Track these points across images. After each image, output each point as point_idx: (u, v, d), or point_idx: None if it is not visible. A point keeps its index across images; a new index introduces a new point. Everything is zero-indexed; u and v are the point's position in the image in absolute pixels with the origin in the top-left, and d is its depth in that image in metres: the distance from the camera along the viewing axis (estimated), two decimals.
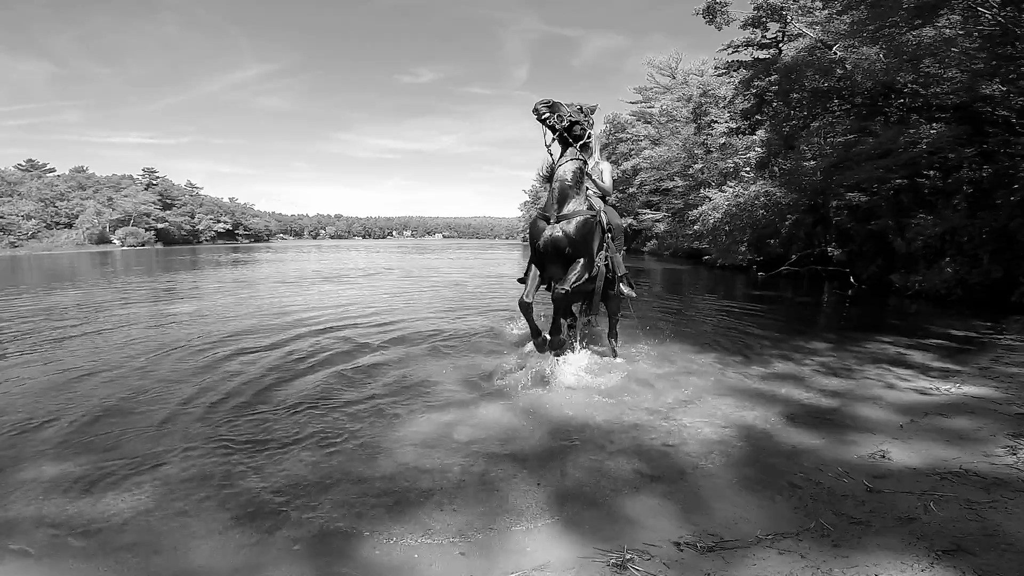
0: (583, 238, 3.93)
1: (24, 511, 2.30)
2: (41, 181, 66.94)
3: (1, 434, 3.16)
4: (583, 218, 3.94)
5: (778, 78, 15.71)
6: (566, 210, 3.95)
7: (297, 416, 3.37)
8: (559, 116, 3.84)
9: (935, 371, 4.71)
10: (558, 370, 4.10)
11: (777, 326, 7.12)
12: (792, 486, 2.40)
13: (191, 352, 5.10)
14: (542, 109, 3.80)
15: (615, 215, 4.74)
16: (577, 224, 3.91)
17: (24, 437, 3.11)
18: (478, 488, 2.42)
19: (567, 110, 3.88)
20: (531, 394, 3.66)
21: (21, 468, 2.69)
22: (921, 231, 11.37)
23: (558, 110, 3.84)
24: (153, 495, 2.40)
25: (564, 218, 3.93)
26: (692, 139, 30.92)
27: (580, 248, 3.94)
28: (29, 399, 3.79)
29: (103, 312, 7.74)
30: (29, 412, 3.51)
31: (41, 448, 2.95)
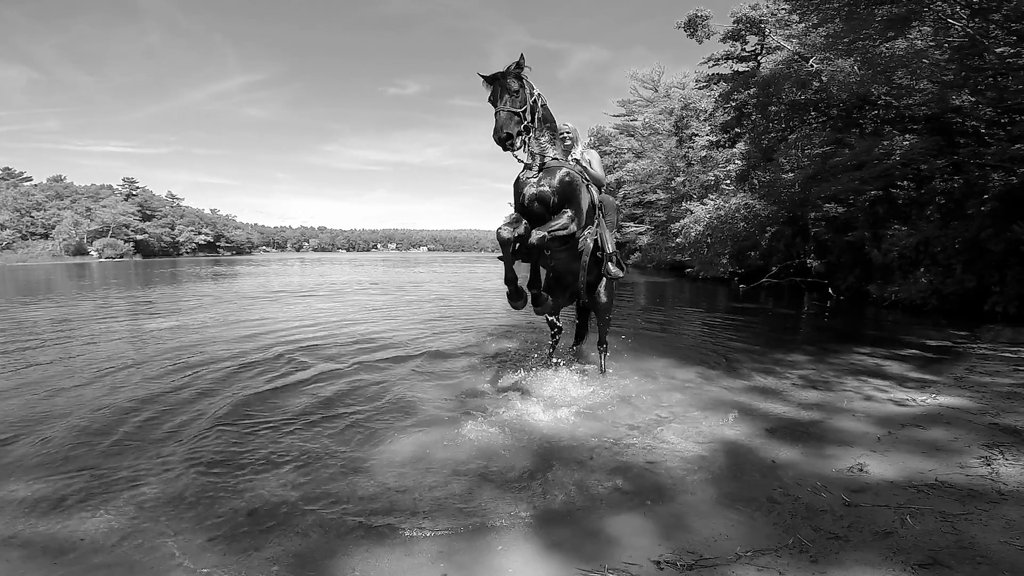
0: (570, 188, 3.83)
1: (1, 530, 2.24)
2: (17, 190, 65.29)
3: None
4: (567, 170, 3.87)
5: (757, 91, 16.10)
6: (550, 161, 3.88)
7: (276, 435, 3.31)
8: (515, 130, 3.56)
9: (912, 382, 4.79)
10: (541, 387, 4.08)
11: (758, 339, 7.20)
12: (771, 501, 2.40)
13: (168, 369, 4.98)
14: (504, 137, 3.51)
15: (609, 198, 4.63)
16: (562, 176, 3.82)
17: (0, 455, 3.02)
18: (459, 507, 2.39)
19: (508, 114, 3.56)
20: (513, 412, 3.63)
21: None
22: (896, 242, 11.65)
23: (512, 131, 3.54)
24: (129, 515, 2.35)
25: (549, 172, 3.83)
26: (674, 152, 31.44)
27: (566, 200, 3.84)
28: (3, 417, 3.68)
29: (78, 328, 7.53)
30: (2, 430, 3.41)
31: (12, 466, 2.88)
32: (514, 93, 3.61)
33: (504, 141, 3.52)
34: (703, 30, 19.82)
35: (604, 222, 4.42)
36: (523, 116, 3.63)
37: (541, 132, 3.88)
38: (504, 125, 3.52)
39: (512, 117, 3.56)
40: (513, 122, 3.55)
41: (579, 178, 3.96)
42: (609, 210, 4.57)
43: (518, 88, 3.63)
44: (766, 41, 19.02)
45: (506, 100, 3.57)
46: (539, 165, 3.88)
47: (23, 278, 24.44)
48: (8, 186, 65.71)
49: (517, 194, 3.92)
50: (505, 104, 3.57)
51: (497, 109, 3.57)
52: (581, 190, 3.95)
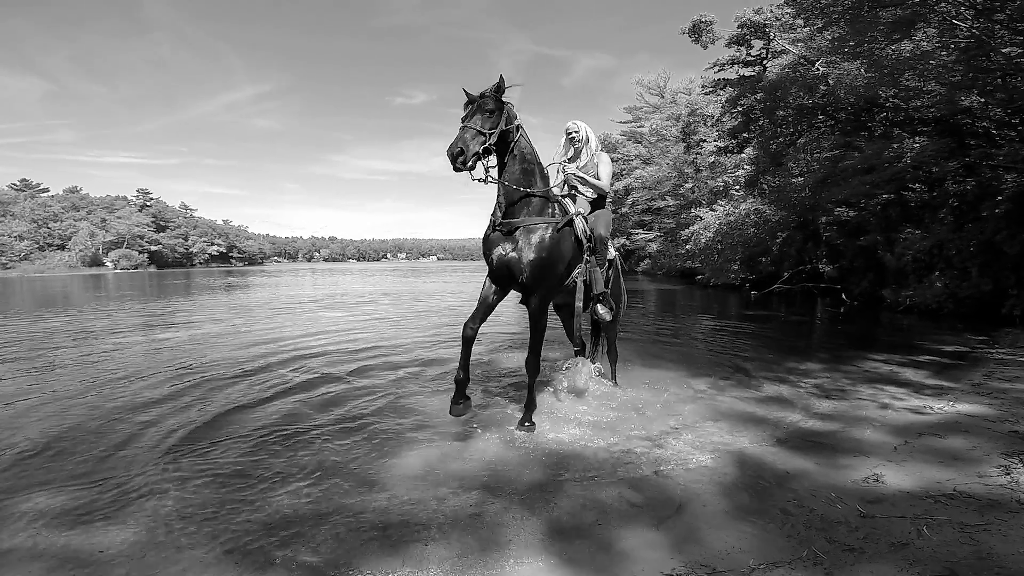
0: (547, 264, 3.44)
1: (19, 542, 2.30)
2: (34, 201, 66.68)
3: None
4: (544, 235, 3.44)
5: (764, 96, 16.06)
6: (519, 218, 3.46)
7: (289, 446, 3.34)
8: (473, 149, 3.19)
9: (929, 389, 4.72)
10: (552, 399, 4.08)
11: (770, 347, 7.14)
12: (785, 513, 2.38)
13: (182, 382, 5.05)
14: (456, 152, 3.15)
15: (604, 221, 4.06)
16: (538, 245, 3.42)
17: (17, 466, 3.11)
18: (470, 521, 2.40)
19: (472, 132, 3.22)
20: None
21: (14, 498, 2.69)
22: (910, 246, 11.51)
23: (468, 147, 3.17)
24: (146, 527, 2.39)
25: (524, 233, 3.43)
26: (682, 158, 31.42)
27: (539, 280, 3.44)
28: (19, 427, 3.78)
29: (95, 340, 7.67)
30: (20, 440, 3.50)
31: (33, 477, 2.95)
32: (487, 113, 3.30)
33: (456, 157, 3.11)
34: (708, 35, 19.87)
35: (594, 259, 3.92)
36: (488, 137, 3.25)
37: (513, 167, 3.45)
38: (460, 139, 3.17)
39: (476, 136, 3.21)
40: (475, 141, 3.20)
41: (559, 243, 3.52)
42: (600, 246, 3.97)
43: (493, 109, 3.32)
44: (771, 45, 19.01)
45: (475, 118, 3.27)
46: (503, 214, 3.47)
47: (41, 290, 24.96)
48: (25, 197, 67.06)
49: (486, 253, 3.60)
50: (474, 122, 3.25)
51: (462, 124, 3.25)
52: (561, 256, 3.55)
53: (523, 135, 3.55)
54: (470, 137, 3.20)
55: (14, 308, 13.90)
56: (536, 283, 3.47)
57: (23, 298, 19.19)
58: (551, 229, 3.51)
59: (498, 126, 3.33)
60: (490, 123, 3.30)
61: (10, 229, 58.46)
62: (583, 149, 4.14)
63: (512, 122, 3.45)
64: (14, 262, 56.81)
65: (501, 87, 3.39)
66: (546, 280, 3.52)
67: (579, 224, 3.80)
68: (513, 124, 3.46)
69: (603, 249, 3.97)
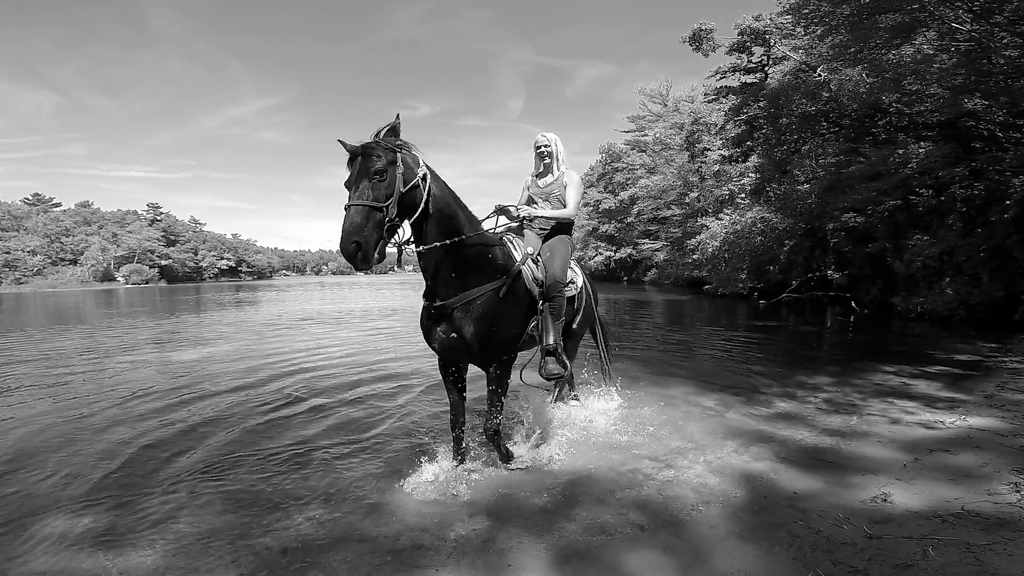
0: (496, 334, 2.98)
1: (45, 565, 2.38)
2: (47, 216, 67.52)
3: (14, 485, 3.25)
4: (482, 303, 2.92)
5: (766, 104, 16.15)
6: (453, 288, 2.90)
7: (302, 469, 3.40)
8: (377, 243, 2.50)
9: (941, 402, 4.69)
10: (559, 419, 4.10)
11: (780, 359, 7.12)
12: (791, 535, 2.40)
13: (194, 402, 5.14)
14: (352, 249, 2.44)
15: (560, 259, 3.43)
16: (479, 317, 2.90)
17: (37, 487, 3.20)
18: (481, 545, 2.43)
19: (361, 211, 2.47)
20: (530, 444, 3.66)
21: (38, 521, 2.77)
22: (919, 252, 11.45)
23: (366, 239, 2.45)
24: (164, 551, 2.46)
25: (454, 307, 2.90)
26: (687, 167, 31.49)
27: (491, 352, 3.02)
28: (38, 448, 3.88)
29: (107, 359, 7.81)
30: (39, 461, 3.60)
31: (53, 499, 3.03)
32: (376, 176, 2.51)
33: (352, 255, 2.42)
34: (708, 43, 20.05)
35: (548, 307, 3.33)
36: (386, 212, 2.51)
37: (432, 230, 2.77)
38: (350, 227, 2.42)
39: (371, 216, 2.46)
40: (372, 225, 2.46)
41: (508, 306, 3.04)
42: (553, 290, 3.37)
43: (384, 167, 2.53)
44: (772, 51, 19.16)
45: (363, 188, 2.49)
46: (433, 287, 2.92)
47: (53, 306, 25.39)
48: (38, 212, 67.95)
49: (427, 341, 3.13)
50: (360, 194, 2.48)
51: (347, 203, 2.49)
52: (512, 318, 3.11)
53: (434, 183, 2.80)
54: (362, 221, 2.44)
55: (29, 325, 14.17)
56: (491, 358, 3.07)
57: (36, 314, 19.53)
58: (492, 295, 2.96)
59: (395, 190, 2.56)
60: (384, 189, 2.53)
61: (23, 244, 59.23)
62: (553, 165, 3.72)
63: (415, 172, 2.68)
64: (28, 277, 57.50)
65: (397, 129, 2.69)
66: (500, 351, 3.09)
67: (528, 272, 3.25)
68: (417, 175, 2.69)
69: (558, 294, 3.35)
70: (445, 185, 2.94)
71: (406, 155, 2.68)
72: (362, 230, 2.44)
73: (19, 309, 23.18)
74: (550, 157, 3.70)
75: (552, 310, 3.32)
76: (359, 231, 2.43)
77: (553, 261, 3.44)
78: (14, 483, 3.29)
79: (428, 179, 2.76)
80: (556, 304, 3.34)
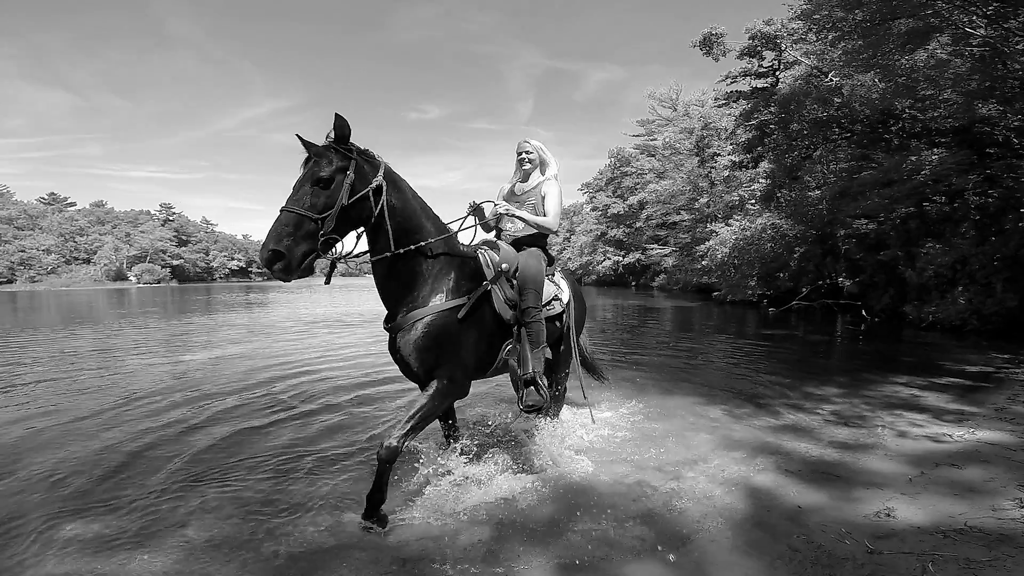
0: (437, 358, 2.71)
1: (56, 568, 2.42)
2: (62, 215, 68.63)
3: (23, 487, 3.31)
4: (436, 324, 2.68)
5: (777, 109, 16.09)
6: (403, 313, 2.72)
7: (309, 474, 3.44)
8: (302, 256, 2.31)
9: (950, 415, 4.66)
10: (564, 429, 4.12)
11: (788, 369, 7.08)
12: (792, 550, 2.41)
13: (205, 406, 5.20)
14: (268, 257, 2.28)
15: (533, 275, 3.05)
16: (426, 338, 2.67)
17: (48, 492, 3.24)
18: (485, 556, 2.46)
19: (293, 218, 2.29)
20: (536, 456, 3.69)
21: (50, 524, 2.82)
22: (931, 260, 11.34)
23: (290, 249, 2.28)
24: (177, 557, 2.50)
25: (402, 327, 2.72)
26: (696, 172, 31.41)
27: (430, 363, 2.72)
28: (45, 450, 3.95)
29: (119, 360, 7.95)
30: (50, 465, 3.66)
31: (65, 503, 3.08)
32: (319, 184, 2.33)
33: (269, 263, 2.25)
34: (719, 48, 20.05)
35: (527, 333, 3.00)
36: (321, 224, 2.30)
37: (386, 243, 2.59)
38: (273, 234, 2.24)
39: (301, 225, 2.27)
40: (301, 237, 2.27)
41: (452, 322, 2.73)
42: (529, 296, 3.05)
43: (331, 176, 2.34)
44: (783, 56, 19.08)
45: (302, 193, 2.32)
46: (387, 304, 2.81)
47: (67, 305, 25.84)
48: (53, 211, 69.07)
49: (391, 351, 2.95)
50: (298, 200, 2.31)
51: (287, 206, 2.30)
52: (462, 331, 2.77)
53: (394, 194, 2.59)
54: (291, 229, 2.25)
55: (43, 324, 14.43)
56: (428, 369, 2.73)
57: (50, 313, 19.89)
58: (448, 316, 2.72)
59: (337, 201, 2.34)
60: (325, 199, 2.32)
61: (39, 243, 60.21)
62: (533, 173, 3.42)
63: (369, 182, 2.47)
64: (42, 275, 58.42)
65: (345, 131, 2.41)
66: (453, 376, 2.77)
67: (499, 293, 2.96)
68: (370, 186, 2.46)
69: (533, 320, 3.02)
70: (411, 196, 2.74)
71: (363, 164, 2.49)
72: (286, 239, 2.24)
73: (33, 308, 23.62)
74: (531, 164, 3.40)
75: (529, 336, 2.99)
76: (282, 239, 2.23)
77: (526, 277, 3.07)
78: (20, 484, 3.36)
79: (385, 191, 2.53)
80: (533, 330, 2.99)
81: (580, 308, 3.95)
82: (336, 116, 2.37)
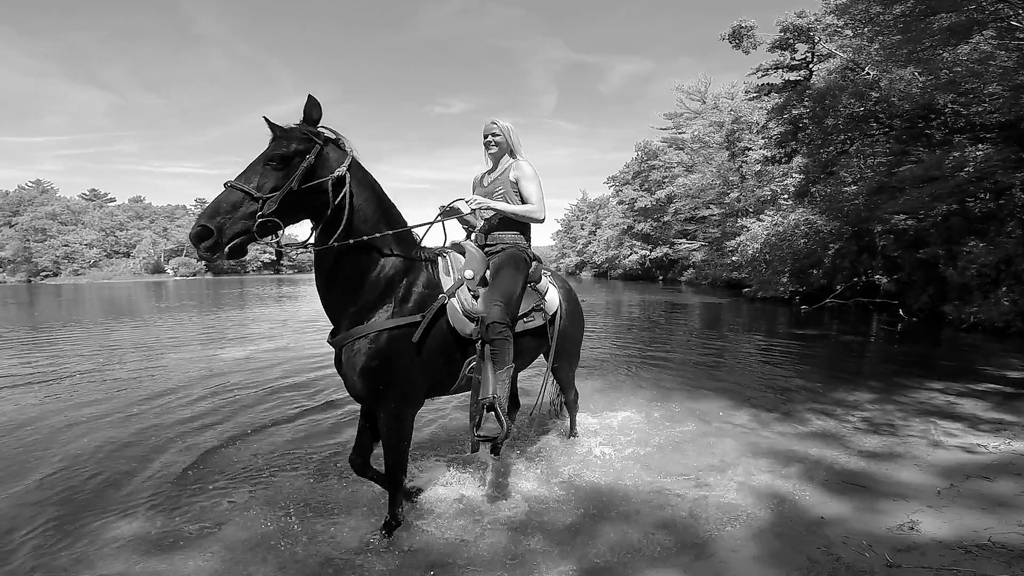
0: (386, 383, 2.48)
1: (111, 568, 2.55)
2: (102, 211, 71.63)
3: (67, 483, 3.51)
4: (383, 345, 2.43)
5: (811, 104, 15.62)
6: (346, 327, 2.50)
7: (345, 479, 3.47)
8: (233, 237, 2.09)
9: (986, 424, 4.55)
10: (587, 434, 4.20)
11: (819, 373, 6.98)
12: (811, 561, 2.46)
13: (244, 402, 5.39)
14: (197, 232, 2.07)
15: (499, 290, 2.70)
16: (365, 355, 2.42)
17: (96, 489, 3.42)
18: (507, 560, 2.54)
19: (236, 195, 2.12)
20: (557, 459, 3.76)
21: (104, 523, 2.97)
22: (974, 259, 10.91)
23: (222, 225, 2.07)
24: (220, 557, 2.61)
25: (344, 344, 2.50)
26: (726, 165, 30.73)
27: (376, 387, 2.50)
28: (89, 450, 4.14)
29: (157, 354, 8.30)
30: (95, 461, 3.88)
31: (110, 501, 3.24)
32: (272, 163, 2.17)
33: (197, 239, 2.05)
34: (748, 40, 19.52)
35: (491, 351, 2.61)
36: (263, 204, 2.11)
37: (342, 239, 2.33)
38: (208, 212, 2.07)
39: (241, 204, 2.09)
40: (237, 213, 2.08)
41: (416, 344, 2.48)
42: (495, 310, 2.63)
43: (289, 155, 2.18)
44: (816, 49, 18.48)
45: (252, 170, 2.18)
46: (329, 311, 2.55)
47: (108, 297, 27.12)
48: (94, 207, 72.22)
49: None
50: (246, 177, 2.16)
51: (232, 182, 2.13)
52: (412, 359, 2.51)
53: (358, 190, 2.38)
54: (228, 207, 2.08)
55: (86, 317, 15.16)
56: (384, 398, 2.54)
57: (93, 306, 20.88)
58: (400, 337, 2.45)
59: (288, 182, 2.15)
60: (274, 180, 2.15)
61: (81, 238, 63.05)
62: (501, 159, 3.01)
63: (330, 171, 2.27)
64: (84, 269, 61.23)
65: (312, 114, 2.25)
66: (404, 400, 2.59)
67: (457, 305, 2.62)
68: (330, 176, 2.27)
69: (499, 336, 2.60)
70: (377, 194, 2.50)
71: (328, 151, 2.29)
72: (220, 215, 2.06)
73: (77, 301, 24.80)
74: (498, 147, 2.97)
75: (493, 355, 2.59)
76: (215, 215, 2.05)
77: (492, 292, 2.69)
78: (66, 481, 3.54)
79: (348, 183, 2.31)
80: (498, 348, 2.59)
81: (573, 319, 3.55)
82: (308, 97, 2.23)
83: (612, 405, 5.16)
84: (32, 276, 58.20)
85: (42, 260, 59.34)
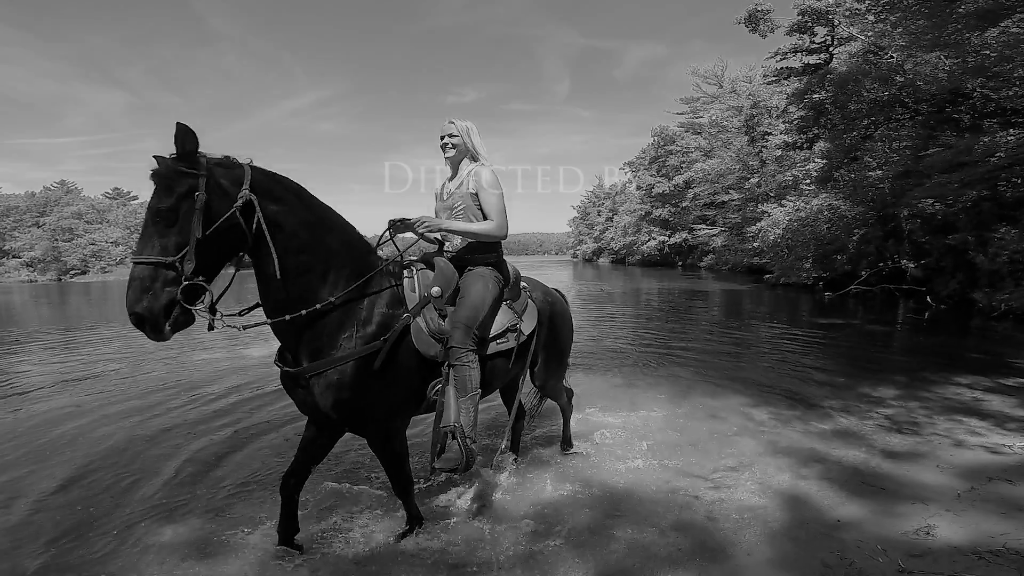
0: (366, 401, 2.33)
1: (150, 571, 2.64)
2: (126, 209, 72.98)
3: (104, 487, 3.60)
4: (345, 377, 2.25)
5: (834, 89, 15.24)
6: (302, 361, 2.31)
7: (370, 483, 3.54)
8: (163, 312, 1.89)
9: (1013, 422, 4.48)
10: (605, 435, 4.25)
11: (843, 366, 6.92)
12: (825, 566, 2.50)
13: (269, 402, 5.50)
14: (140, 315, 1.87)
15: (465, 310, 2.49)
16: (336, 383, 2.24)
17: (131, 495, 3.48)
18: (526, 562, 2.61)
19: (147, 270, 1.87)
20: (574, 459, 3.84)
21: (140, 527, 3.05)
22: (1005, 246, 10.60)
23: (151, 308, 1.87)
24: (256, 560, 2.69)
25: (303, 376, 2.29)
26: (746, 150, 30.13)
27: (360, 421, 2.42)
28: (118, 452, 4.23)
29: (184, 353, 8.42)
30: (126, 467, 3.94)
31: (150, 508, 3.30)
32: (165, 216, 1.87)
33: (139, 326, 1.87)
34: (765, 24, 19.06)
35: (453, 376, 2.45)
36: (181, 269, 1.88)
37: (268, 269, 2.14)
38: (132, 299, 1.85)
39: (157, 275, 1.86)
40: (157, 285, 1.86)
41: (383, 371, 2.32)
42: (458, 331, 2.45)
43: (174, 205, 1.87)
44: (836, 32, 17.94)
45: (149, 235, 1.89)
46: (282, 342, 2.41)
47: None
48: (118, 205, 73.71)
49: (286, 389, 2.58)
50: (146, 244, 1.89)
51: (135, 257, 1.89)
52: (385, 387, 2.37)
53: (272, 206, 2.08)
54: (148, 284, 1.84)
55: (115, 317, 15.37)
56: (363, 424, 2.46)
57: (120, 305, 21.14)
58: (359, 367, 2.27)
59: (190, 236, 1.88)
60: (175, 236, 1.88)
61: (107, 236, 64.51)
62: (460, 163, 2.74)
63: (232, 200, 1.97)
64: (111, 266, 62.78)
65: (185, 146, 1.91)
66: (379, 424, 2.47)
67: (423, 325, 2.43)
68: (235, 204, 1.97)
69: (459, 361, 2.43)
70: (303, 203, 2.21)
71: (218, 179, 1.95)
72: (145, 297, 1.83)
73: (106, 299, 25.31)
74: (456, 151, 2.68)
75: (456, 380, 2.42)
76: (140, 299, 1.83)
77: (456, 313, 2.49)
78: (102, 485, 3.63)
79: (257, 207, 2.01)
80: (461, 374, 2.41)
81: (557, 335, 3.34)
82: (177, 126, 1.87)
83: (632, 403, 5.22)
84: (62, 275, 60.15)
85: (70, 259, 61.11)
